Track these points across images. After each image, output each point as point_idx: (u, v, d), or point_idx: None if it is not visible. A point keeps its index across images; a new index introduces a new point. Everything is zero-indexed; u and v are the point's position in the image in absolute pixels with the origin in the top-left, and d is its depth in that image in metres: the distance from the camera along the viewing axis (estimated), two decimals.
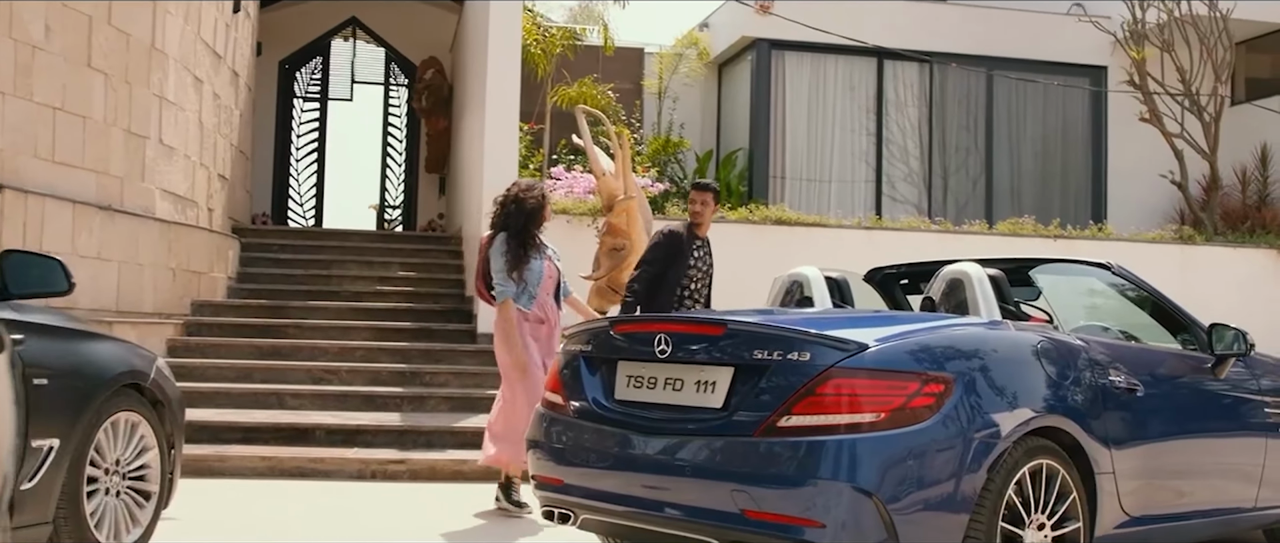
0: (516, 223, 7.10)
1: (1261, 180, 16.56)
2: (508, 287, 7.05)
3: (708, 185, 8.19)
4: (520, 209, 7.11)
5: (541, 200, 7.19)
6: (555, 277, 7.32)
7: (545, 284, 7.21)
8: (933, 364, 4.25)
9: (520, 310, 7.06)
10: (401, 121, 19.61)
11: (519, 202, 7.14)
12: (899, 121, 16.47)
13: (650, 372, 4.68)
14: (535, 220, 7.16)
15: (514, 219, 7.11)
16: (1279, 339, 12.78)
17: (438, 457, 8.53)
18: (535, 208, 7.14)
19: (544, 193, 7.28)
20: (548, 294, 7.26)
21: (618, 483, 4.62)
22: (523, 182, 7.44)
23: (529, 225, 7.13)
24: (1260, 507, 5.81)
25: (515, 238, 7.09)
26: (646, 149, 16.05)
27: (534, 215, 7.15)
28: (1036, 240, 13.15)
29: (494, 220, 7.25)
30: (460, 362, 11.08)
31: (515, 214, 7.12)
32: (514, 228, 7.10)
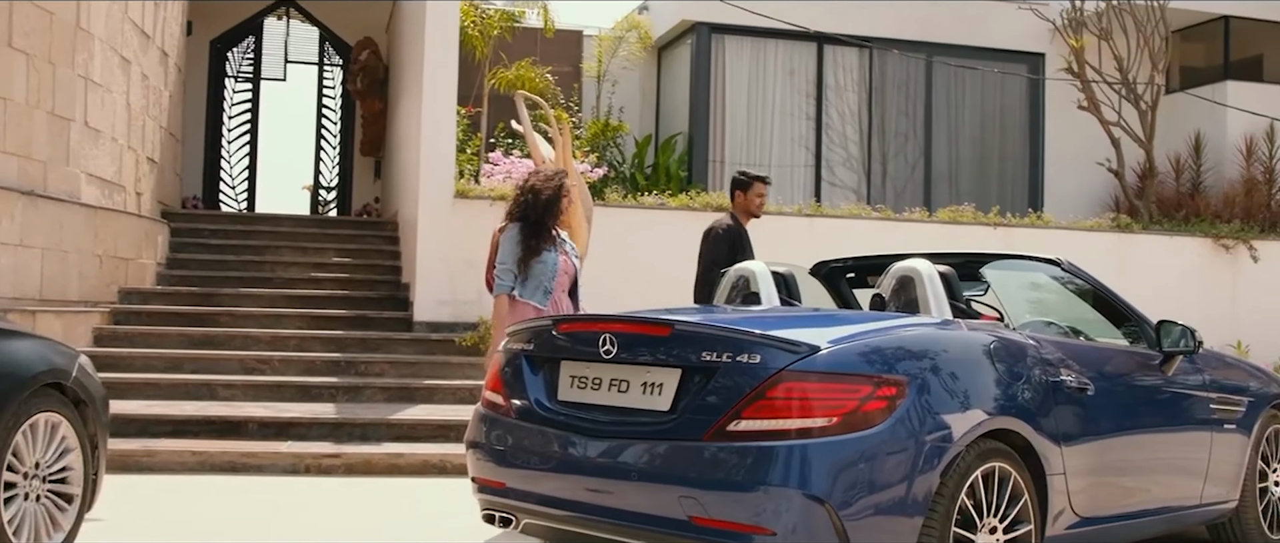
0: (532, 214, 6.79)
1: (1195, 168, 16.72)
2: (506, 280, 6.77)
3: (766, 178, 8.73)
4: (536, 200, 6.80)
5: (558, 192, 6.85)
6: (571, 272, 6.99)
7: (560, 280, 6.87)
8: (885, 366, 4.16)
9: (534, 307, 6.73)
10: (336, 103, 19.27)
11: (536, 192, 6.82)
12: (839, 107, 16.43)
13: (595, 373, 4.55)
14: (551, 212, 6.83)
15: (531, 210, 6.79)
16: (1215, 327, 12.93)
17: (373, 451, 8.34)
18: (551, 199, 6.81)
19: (562, 184, 6.93)
20: (563, 291, 6.92)
21: (561, 487, 4.49)
22: (543, 171, 7.11)
23: (545, 217, 6.81)
24: (1205, 503, 5.79)
25: (529, 229, 6.78)
26: (585, 133, 15.88)
27: (550, 207, 6.82)
28: (976, 228, 13.16)
29: (510, 210, 6.94)
30: (397, 351, 10.89)
31: (531, 205, 6.79)
32: (530, 219, 6.78)
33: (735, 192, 8.71)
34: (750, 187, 8.58)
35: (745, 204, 8.58)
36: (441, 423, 8.95)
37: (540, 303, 6.74)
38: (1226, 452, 5.88)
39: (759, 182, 8.60)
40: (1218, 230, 14.02)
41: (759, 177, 8.68)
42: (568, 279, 6.93)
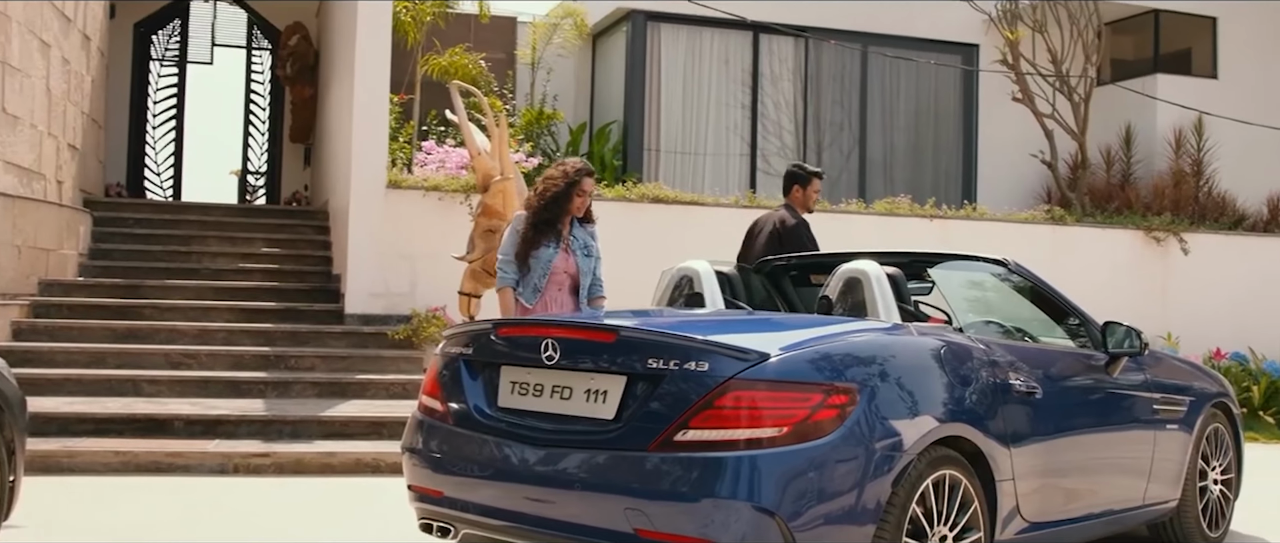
0: (539, 207, 6.54)
1: (1125, 160, 16.85)
2: (507, 273, 6.52)
3: (821, 173, 8.88)
4: (545, 190, 6.55)
5: (569, 187, 6.52)
6: (573, 272, 6.62)
7: (556, 278, 6.54)
8: (836, 374, 4.06)
9: (522, 304, 6.50)
10: (265, 89, 18.90)
11: (548, 180, 6.57)
12: (774, 97, 16.37)
13: (536, 379, 4.41)
14: (556, 205, 6.53)
15: (539, 202, 6.55)
16: (1146, 319, 13.03)
17: (305, 449, 8.14)
18: (558, 194, 6.52)
19: (571, 176, 6.58)
20: (561, 290, 6.58)
21: (501, 496, 4.36)
22: (561, 162, 6.74)
23: (549, 209, 6.52)
24: (1148, 503, 5.79)
25: (532, 222, 6.52)
26: (519, 121, 15.68)
27: (555, 202, 6.52)
28: (913, 220, 13.16)
29: (527, 200, 6.71)
30: (327, 344, 10.66)
31: (541, 196, 6.55)
32: (537, 212, 6.54)
33: (793, 186, 8.72)
34: (809, 182, 8.68)
35: (804, 199, 8.65)
36: (374, 420, 8.77)
37: (528, 301, 6.51)
38: (1169, 451, 5.88)
39: (816, 177, 8.73)
40: (1149, 223, 14.14)
41: (816, 172, 8.77)
42: (568, 278, 6.60)
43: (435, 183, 11.58)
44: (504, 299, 6.53)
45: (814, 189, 8.71)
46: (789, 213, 8.54)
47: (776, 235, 8.32)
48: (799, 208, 8.63)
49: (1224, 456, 6.49)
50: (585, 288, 6.60)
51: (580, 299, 6.59)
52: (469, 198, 11.29)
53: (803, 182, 8.66)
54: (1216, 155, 16.34)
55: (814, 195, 8.74)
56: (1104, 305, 9.06)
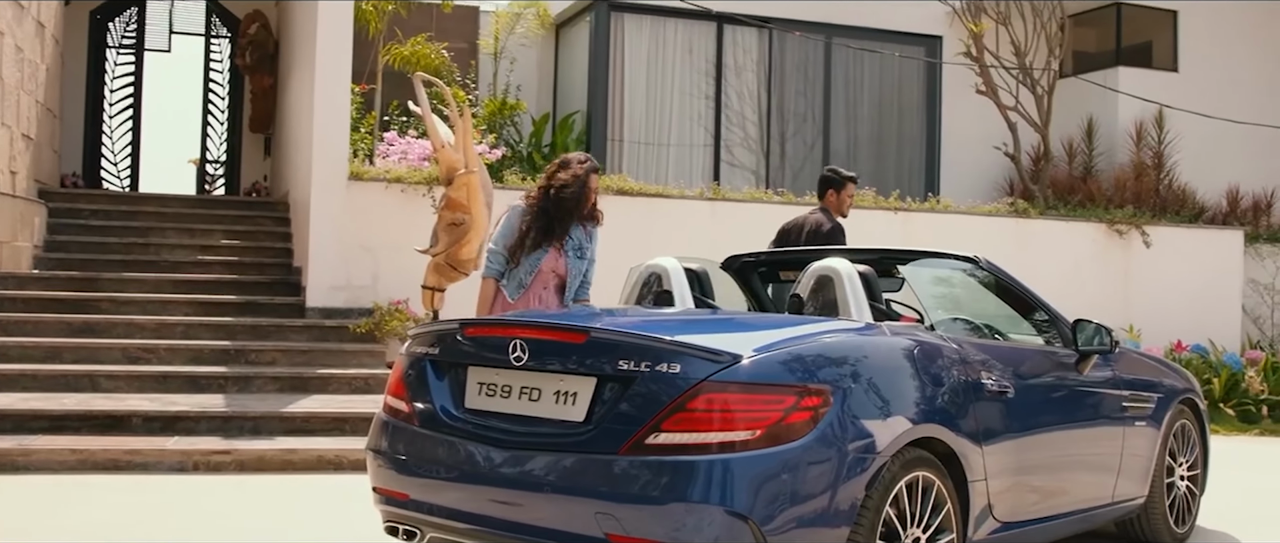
0: (547, 205, 6.26)
1: (1087, 152, 16.94)
2: (494, 263, 6.26)
3: (856, 177, 9.03)
4: (553, 189, 6.26)
5: (577, 187, 6.23)
6: (561, 273, 6.33)
7: (543, 276, 6.28)
8: (809, 376, 4.01)
9: (505, 299, 6.29)
10: (224, 77, 18.64)
11: (553, 178, 6.29)
12: (738, 88, 16.32)
13: (504, 380, 4.34)
14: (562, 207, 6.24)
15: (547, 201, 6.27)
16: (1109, 312, 13.11)
17: (266, 446, 8.03)
18: (567, 195, 6.23)
19: (582, 177, 6.27)
20: (546, 288, 6.31)
21: (469, 500, 4.27)
22: (570, 158, 6.44)
23: (557, 209, 6.25)
24: (1117, 500, 5.79)
25: (537, 219, 6.25)
26: (482, 111, 15.55)
27: (562, 203, 6.24)
28: (877, 213, 13.15)
29: (531, 193, 6.43)
30: (289, 338, 10.53)
31: (548, 195, 6.26)
32: (545, 209, 6.26)
33: (827, 190, 8.79)
34: (844, 186, 8.73)
35: (838, 204, 8.72)
36: (337, 416, 8.67)
37: (511, 296, 6.29)
38: (1138, 448, 5.88)
39: (851, 182, 8.78)
40: (1112, 215, 14.20)
41: (851, 176, 8.82)
42: (554, 278, 6.32)
43: (398, 175, 11.46)
44: (485, 289, 6.30)
45: (848, 193, 8.76)
46: (825, 216, 8.57)
47: (813, 240, 8.38)
48: (834, 212, 8.68)
49: (1191, 452, 6.50)
50: (572, 289, 6.37)
51: (565, 300, 6.37)
52: (432, 190, 11.18)
53: (837, 186, 8.72)
54: (1177, 148, 16.44)
55: (848, 200, 8.77)
56: (1067, 298, 9.12)
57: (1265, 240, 15.61)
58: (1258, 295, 15.28)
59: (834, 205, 8.72)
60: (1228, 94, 16.94)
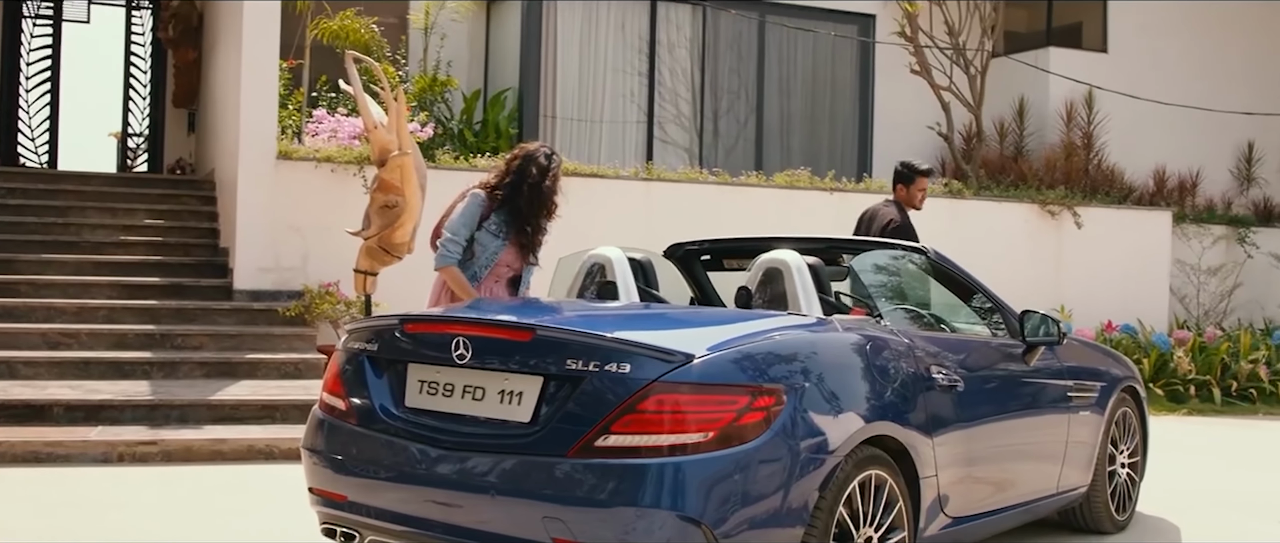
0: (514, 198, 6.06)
1: (1018, 132, 17.02)
2: (452, 252, 5.99)
3: (930, 171, 8.92)
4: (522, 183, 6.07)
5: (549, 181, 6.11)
6: (514, 266, 6.19)
7: (498, 270, 6.12)
8: (763, 375, 3.91)
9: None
10: (146, 51, 18.19)
11: (520, 172, 6.10)
12: (670, 64, 16.19)
13: (447, 378, 4.20)
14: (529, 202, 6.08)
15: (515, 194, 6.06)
16: (1041, 293, 13.21)
17: (193, 436, 7.81)
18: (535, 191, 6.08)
19: (552, 169, 6.15)
20: (499, 282, 6.15)
21: (410, 502, 4.14)
22: (531, 148, 6.25)
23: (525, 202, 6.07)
24: (1062, 490, 5.79)
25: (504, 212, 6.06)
26: (412, 87, 15.28)
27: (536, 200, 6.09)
28: (813, 193, 13.12)
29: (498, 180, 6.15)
30: (216, 321, 10.28)
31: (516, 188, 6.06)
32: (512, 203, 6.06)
33: (897, 184, 8.85)
34: (913, 181, 8.70)
35: (908, 197, 8.72)
36: (266, 403, 8.47)
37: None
38: (1082, 437, 5.88)
39: (922, 176, 8.70)
40: (1044, 196, 14.28)
41: (922, 171, 8.75)
42: (508, 271, 6.17)
43: (328, 154, 11.22)
44: (452, 277, 6.03)
45: (918, 188, 8.69)
46: (897, 210, 8.53)
47: (881, 234, 8.34)
48: (905, 205, 8.66)
49: (1131, 439, 6.52)
50: (528, 284, 6.26)
51: (517, 293, 6.24)
52: (363, 170, 10.96)
53: (907, 181, 8.71)
54: (1106, 129, 16.57)
55: (918, 193, 8.72)
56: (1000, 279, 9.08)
57: (1191, 221, 15.81)
58: (1184, 275, 15.47)
59: (904, 199, 8.71)
60: (1154, 75, 17.09)
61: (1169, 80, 17.12)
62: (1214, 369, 12.79)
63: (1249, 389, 12.82)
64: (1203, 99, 16.85)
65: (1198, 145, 17.35)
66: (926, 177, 8.80)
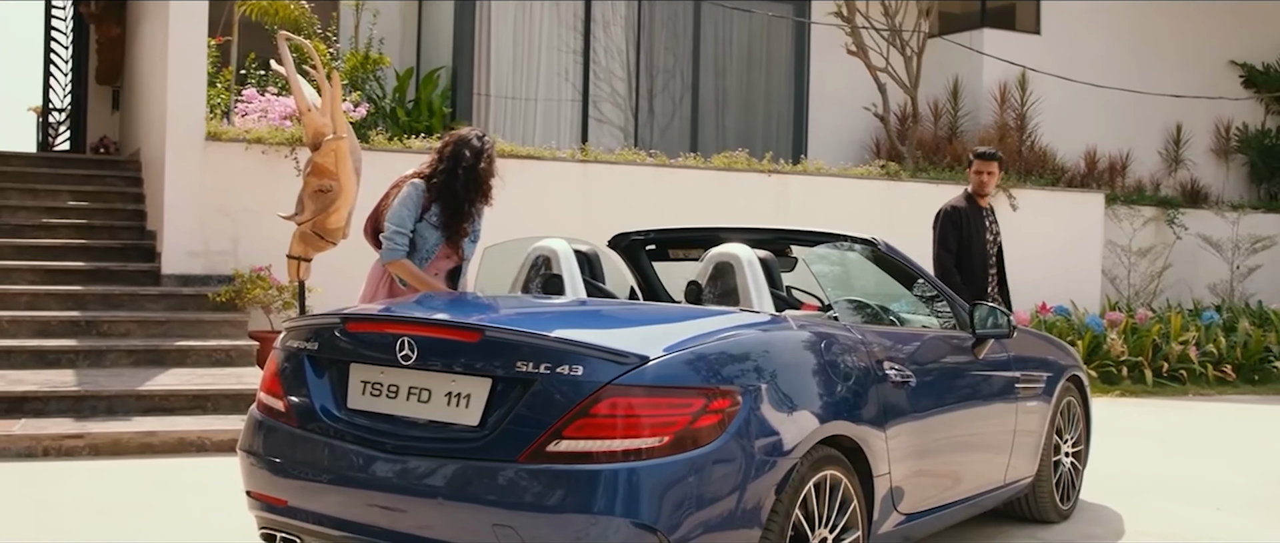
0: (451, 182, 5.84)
1: (952, 113, 17.09)
2: (398, 245, 5.77)
3: (992, 154, 8.24)
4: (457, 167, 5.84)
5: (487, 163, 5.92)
6: (453, 259, 5.99)
7: (437, 263, 5.92)
8: (719, 377, 3.81)
9: (401, 283, 5.87)
10: (67, 26, 17.73)
11: (456, 158, 5.86)
12: (605, 43, 16.05)
13: (391, 379, 4.06)
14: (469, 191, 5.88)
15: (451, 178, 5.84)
16: None
17: (122, 428, 7.58)
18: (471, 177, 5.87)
19: (489, 152, 5.95)
20: (438, 276, 5.95)
21: (353, 507, 4.00)
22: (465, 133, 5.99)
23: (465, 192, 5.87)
24: (1009, 481, 5.77)
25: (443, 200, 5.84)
26: (344, 65, 15.02)
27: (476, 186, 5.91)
28: (751, 175, 13.06)
29: (432, 168, 5.91)
30: (144, 307, 10.03)
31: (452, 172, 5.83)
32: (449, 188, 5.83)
33: (968, 170, 8.53)
34: (971, 165, 8.31)
35: (975, 185, 8.27)
36: (198, 393, 8.26)
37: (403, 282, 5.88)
38: (1029, 427, 5.87)
39: (979, 159, 8.22)
40: None
41: (980, 153, 8.27)
42: (448, 264, 5.98)
43: (258, 135, 10.96)
44: (406, 270, 5.81)
45: (973, 172, 8.26)
46: (964, 199, 8.21)
47: (937, 222, 8.19)
48: (975, 193, 8.25)
49: (1075, 427, 6.52)
50: (471, 278, 6.08)
51: (457, 286, 6.05)
52: (294, 151, 10.74)
53: (970, 165, 8.47)
54: (1038, 110, 16.69)
55: (974, 178, 8.24)
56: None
57: (1122, 202, 15.97)
58: (1115, 256, 15.64)
59: (973, 187, 8.34)
60: (1086, 57, 17.23)
61: (1100, 62, 17.27)
62: (1146, 350, 12.93)
63: (1179, 370, 12.98)
64: (1133, 81, 17.03)
65: (1128, 127, 17.53)
66: (980, 160, 8.25)
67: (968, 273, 7.91)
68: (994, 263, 8.12)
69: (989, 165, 8.14)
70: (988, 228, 8.13)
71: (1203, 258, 16.49)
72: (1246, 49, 19.05)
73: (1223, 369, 13.14)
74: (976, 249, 7.95)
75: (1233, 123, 18.89)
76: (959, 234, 7.98)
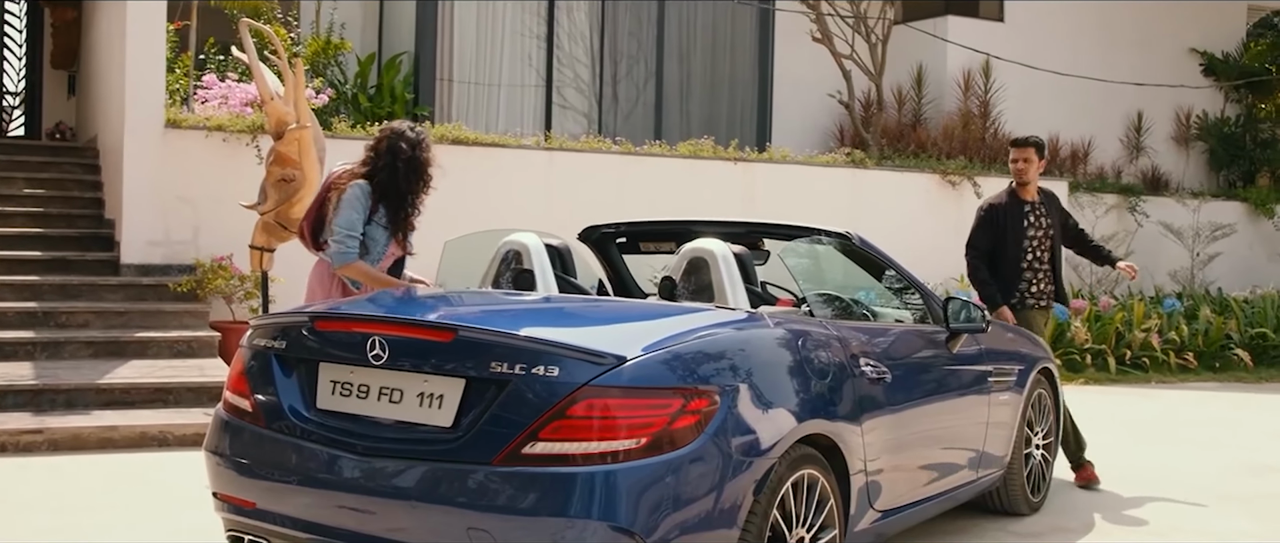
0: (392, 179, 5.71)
1: (916, 100, 17.11)
2: (351, 248, 5.62)
3: (1025, 140, 7.44)
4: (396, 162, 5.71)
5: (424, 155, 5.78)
6: (402, 257, 5.93)
7: (384, 262, 5.82)
8: (696, 377, 3.76)
9: (351, 284, 5.77)
10: (21, 7, 17.43)
11: (396, 153, 5.72)
12: (569, 29, 15.95)
13: (361, 379, 3.98)
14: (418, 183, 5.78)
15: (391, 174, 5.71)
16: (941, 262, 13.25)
17: (82, 423, 7.45)
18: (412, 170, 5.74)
19: (426, 143, 5.82)
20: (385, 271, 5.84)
21: (324, 510, 3.91)
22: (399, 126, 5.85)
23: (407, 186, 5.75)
24: (982, 475, 5.77)
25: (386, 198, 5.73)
26: (305, 51, 14.84)
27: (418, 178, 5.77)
28: (717, 163, 13.01)
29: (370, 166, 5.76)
30: (102, 298, 9.86)
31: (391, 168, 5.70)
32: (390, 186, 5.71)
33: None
34: (1009, 152, 7.61)
35: (1013, 174, 7.50)
36: (159, 386, 8.15)
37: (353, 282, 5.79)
38: (1001, 420, 5.87)
39: (1012, 146, 7.51)
40: (945, 167, 14.36)
41: (1013, 140, 7.56)
42: (391, 260, 5.87)
43: (219, 122, 10.80)
44: (361, 271, 5.69)
45: (1010, 162, 7.47)
46: (1006, 194, 7.42)
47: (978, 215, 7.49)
48: (1017, 185, 7.42)
49: (1046, 419, 6.52)
50: (415, 271, 6.03)
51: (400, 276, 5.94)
52: (256, 139, 10.58)
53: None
54: (1002, 97, 16.72)
55: (1012, 169, 7.45)
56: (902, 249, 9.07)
57: (1085, 190, 16.04)
58: None
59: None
60: (1049, 45, 17.29)
61: (1063, 50, 17.33)
62: (1109, 338, 13.00)
63: (1142, 358, 13.06)
64: (1095, 69, 17.09)
65: (1089, 115, 17.61)
66: (1014, 147, 7.48)
67: (999, 271, 7.28)
68: (1042, 259, 7.35)
69: (1024, 152, 7.36)
70: (1032, 223, 7.32)
71: (1164, 245, 16.59)
72: (1206, 38, 19.18)
73: (1185, 356, 13.24)
74: (1011, 247, 7.25)
75: (1193, 111, 19.02)
76: (991, 233, 7.30)
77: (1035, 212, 7.36)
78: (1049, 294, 7.46)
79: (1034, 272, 7.33)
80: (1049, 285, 7.43)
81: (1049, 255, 7.39)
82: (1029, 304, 7.33)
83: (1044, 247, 7.36)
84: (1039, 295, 7.38)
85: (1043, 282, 7.37)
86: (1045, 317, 7.52)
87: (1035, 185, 7.40)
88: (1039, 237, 7.34)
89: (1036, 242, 7.33)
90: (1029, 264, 7.31)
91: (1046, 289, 7.42)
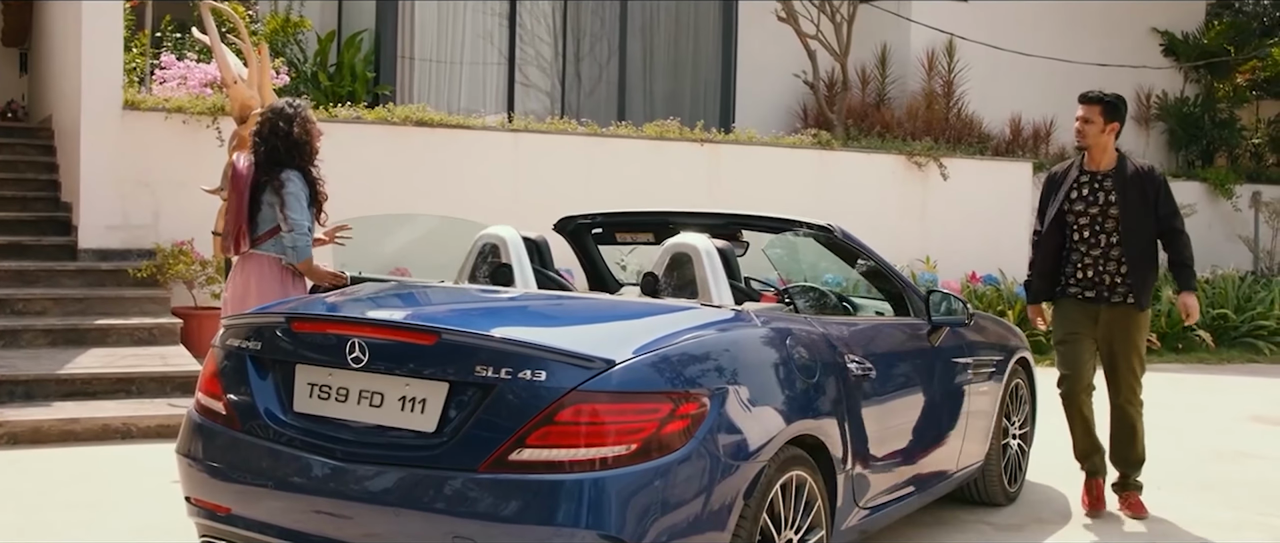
0: (293, 157, 5.88)
1: (880, 79, 17.06)
2: (305, 246, 5.78)
3: (1089, 95, 6.22)
4: (290, 138, 5.89)
5: (312, 128, 5.99)
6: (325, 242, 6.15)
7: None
8: (685, 380, 3.68)
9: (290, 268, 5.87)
10: None
11: (300, 123, 5.95)
12: (531, 8, 15.80)
13: (340, 382, 3.87)
14: (301, 152, 5.92)
15: (296, 152, 5.89)
16: (908, 243, 13.27)
17: (42, 415, 7.29)
18: (305, 133, 5.94)
19: (311, 116, 6.02)
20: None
21: (302, 516, 3.82)
22: (281, 104, 6.04)
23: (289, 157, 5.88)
24: (961, 467, 5.75)
25: (309, 178, 5.90)
26: (264, 29, 14.60)
27: (301, 146, 5.92)
28: (683, 145, 12.92)
29: (265, 152, 5.88)
30: (61, 284, 9.67)
31: (292, 146, 5.89)
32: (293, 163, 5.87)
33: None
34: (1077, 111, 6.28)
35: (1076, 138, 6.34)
36: (122, 376, 7.99)
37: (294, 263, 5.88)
38: (981, 411, 5.86)
39: (1079, 103, 6.25)
40: (911, 148, 14.33)
41: (1081, 95, 6.31)
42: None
43: (179, 104, 10.59)
44: (313, 270, 5.80)
45: (1076, 118, 6.24)
46: (1072, 161, 6.40)
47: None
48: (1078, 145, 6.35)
49: (1022, 409, 6.50)
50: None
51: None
52: (217, 121, 10.40)
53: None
54: (965, 78, 16.71)
55: (1077, 127, 6.23)
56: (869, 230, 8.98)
57: (1046, 169, 16.03)
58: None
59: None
60: (1012, 25, 17.25)
61: (1026, 30, 17.32)
62: None
63: None
64: (1057, 49, 17.10)
65: (1052, 95, 17.57)
66: (1081, 103, 6.24)
67: (1038, 246, 6.35)
68: (1096, 241, 6.15)
69: (1092, 109, 6.15)
70: (1082, 196, 6.17)
71: None
72: (1167, 17, 19.23)
73: (1149, 338, 13.27)
74: (1054, 219, 6.20)
75: (1153, 91, 19.09)
76: (1043, 209, 6.33)
77: (1094, 183, 6.16)
78: (1108, 286, 6.15)
79: (1082, 256, 6.15)
80: (1109, 276, 6.14)
81: (1110, 239, 6.11)
82: (1071, 294, 6.22)
83: (1101, 227, 6.12)
84: (1085, 285, 6.18)
85: (1093, 270, 6.14)
86: (1109, 314, 6.17)
87: (1108, 152, 6.19)
88: (1093, 214, 6.12)
89: (1088, 220, 6.13)
90: (1074, 245, 6.18)
91: (1099, 279, 6.14)
